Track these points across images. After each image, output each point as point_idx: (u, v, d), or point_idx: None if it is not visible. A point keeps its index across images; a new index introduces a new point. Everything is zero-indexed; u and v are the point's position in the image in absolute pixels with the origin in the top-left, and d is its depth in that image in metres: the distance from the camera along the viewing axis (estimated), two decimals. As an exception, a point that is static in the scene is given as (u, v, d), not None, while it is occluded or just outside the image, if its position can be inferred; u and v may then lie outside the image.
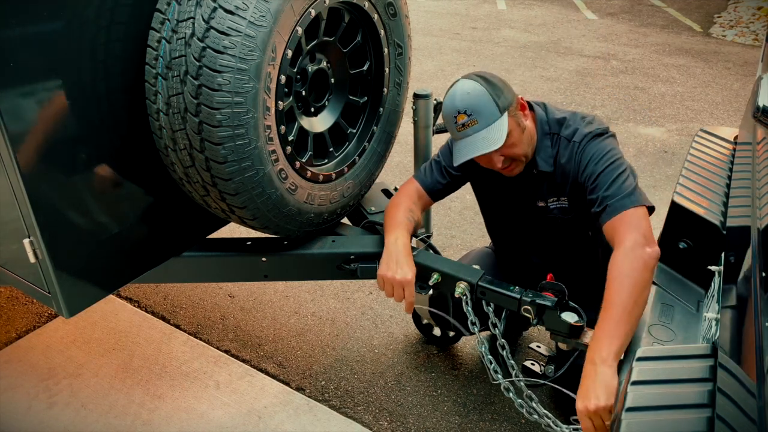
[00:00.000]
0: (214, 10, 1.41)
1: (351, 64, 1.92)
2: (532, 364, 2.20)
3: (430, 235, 2.31)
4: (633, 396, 0.93)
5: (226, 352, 2.49)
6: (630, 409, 0.92)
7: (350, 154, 2.00)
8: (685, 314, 1.42)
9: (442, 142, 2.00)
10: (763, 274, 1.02)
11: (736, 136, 2.01)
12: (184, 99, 1.46)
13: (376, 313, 2.71)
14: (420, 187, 1.97)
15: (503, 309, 1.81)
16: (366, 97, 2.01)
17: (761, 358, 0.88)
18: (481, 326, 1.78)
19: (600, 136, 1.77)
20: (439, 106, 2.17)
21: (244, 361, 2.44)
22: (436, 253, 2.02)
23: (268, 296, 2.83)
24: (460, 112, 1.70)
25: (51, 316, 2.66)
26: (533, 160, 1.83)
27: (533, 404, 1.68)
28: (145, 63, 1.50)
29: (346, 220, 2.16)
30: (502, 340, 1.76)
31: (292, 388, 2.32)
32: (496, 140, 1.68)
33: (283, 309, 2.75)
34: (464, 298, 1.77)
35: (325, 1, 1.65)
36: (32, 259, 1.49)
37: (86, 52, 1.43)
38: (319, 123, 1.91)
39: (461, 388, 2.32)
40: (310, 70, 1.79)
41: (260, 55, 1.46)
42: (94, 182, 1.56)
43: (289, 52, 1.58)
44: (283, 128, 1.66)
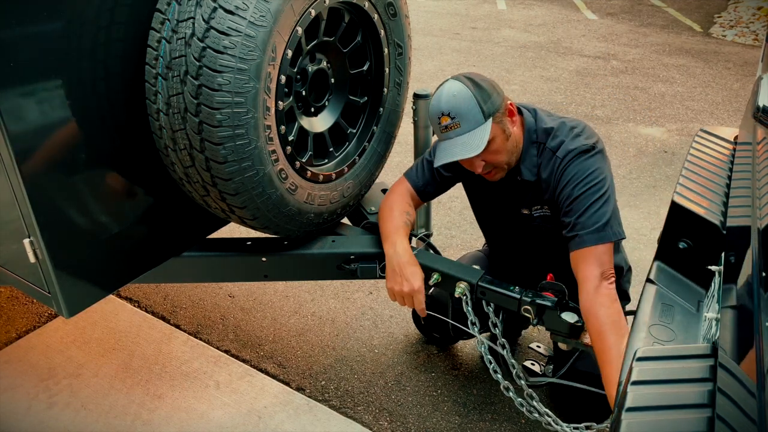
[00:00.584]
0: (214, 10, 1.41)
1: (351, 64, 1.92)
2: (532, 364, 2.20)
3: (430, 235, 2.31)
4: (633, 396, 0.93)
5: (226, 352, 2.49)
6: (630, 409, 0.91)
7: (350, 154, 2.00)
8: (685, 314, 1.42)
9: (442, 142, 2.00)
10: (763, 274, 1.02)
11: (736, 136, 2.01)
12: (184, 99, 1.46)
13: (376, 313, 2.70)
14: (411, 188, 1.96)
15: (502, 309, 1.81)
16: (366, 97, 2.01)
17: (761, 358, 0.88)
18: (481, 326, 1.78)
19: (585, 153, 1.72)
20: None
21: (244, 361, 2.44)
22: (436, 252, 2.03)
23: (268, 296, 2.83)
24: (444, 114, 1.67)
25: (51, 316, 2.66)
26: (517, 167, 1.80)
27: (534, 403, 1.68)
28: (145, 63, 1.50)
29: (346, 220, 2.16)
30: (503, 340, 1.77)
31: (292, 388, 2.32)
32: (477, 146, 1.65)
33: (283, 309, 2.75)
34: (464, 298, 1.77)
35: (325, 1, 1.65)
36: (32, 259, 1.49)
37: (86, 52, 1.43)
38: (319, 123, 1.91)
39: (461, 388, 2.32)
40: (310, 70, 1.79)
41: (260, 55, 1.46)
42: (94, 182, 1.56)
43: (289, 52, 1.58)
44: (283, 128, 1.66)
